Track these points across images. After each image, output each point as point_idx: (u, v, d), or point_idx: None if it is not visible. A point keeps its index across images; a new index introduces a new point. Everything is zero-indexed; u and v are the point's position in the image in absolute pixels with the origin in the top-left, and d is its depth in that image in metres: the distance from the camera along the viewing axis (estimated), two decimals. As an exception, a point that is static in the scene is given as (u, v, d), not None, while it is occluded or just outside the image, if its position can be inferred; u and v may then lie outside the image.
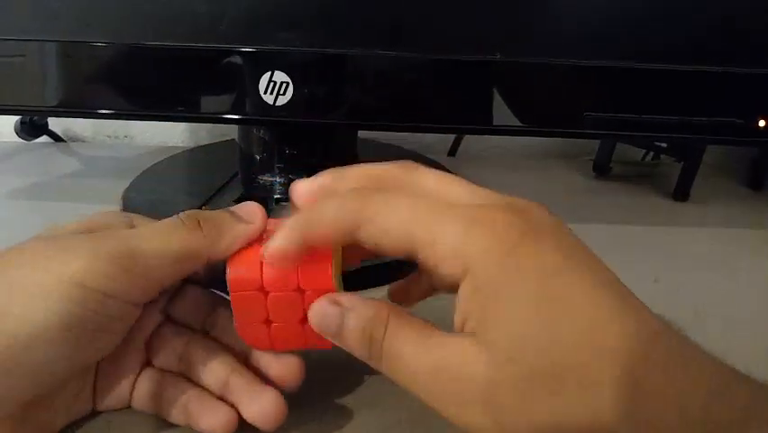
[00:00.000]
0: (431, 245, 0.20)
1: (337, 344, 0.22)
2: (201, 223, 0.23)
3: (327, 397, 0.27)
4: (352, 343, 0.21)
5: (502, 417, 0.19)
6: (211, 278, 0.26)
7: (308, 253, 0.22)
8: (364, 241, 0.21)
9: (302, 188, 0.24)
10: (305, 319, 0.23)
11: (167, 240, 0.22)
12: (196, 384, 0.25)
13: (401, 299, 0.27)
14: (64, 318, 0.20)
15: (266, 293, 0.23)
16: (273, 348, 0.24)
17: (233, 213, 0.24)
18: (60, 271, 0.20)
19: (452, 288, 0.21)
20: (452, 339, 0.20)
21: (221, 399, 0.24)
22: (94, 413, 0.25)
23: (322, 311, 0.22)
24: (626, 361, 0.18)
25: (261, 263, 0.23)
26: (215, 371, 0.24)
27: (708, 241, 0.46)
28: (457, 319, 0.21)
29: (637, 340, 0.18)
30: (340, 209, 0.21)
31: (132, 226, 0.24)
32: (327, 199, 0.22)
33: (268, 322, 0.23)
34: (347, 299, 0.22)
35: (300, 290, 0.23)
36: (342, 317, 0.21)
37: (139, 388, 0.25)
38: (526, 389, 0.18)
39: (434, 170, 0.24)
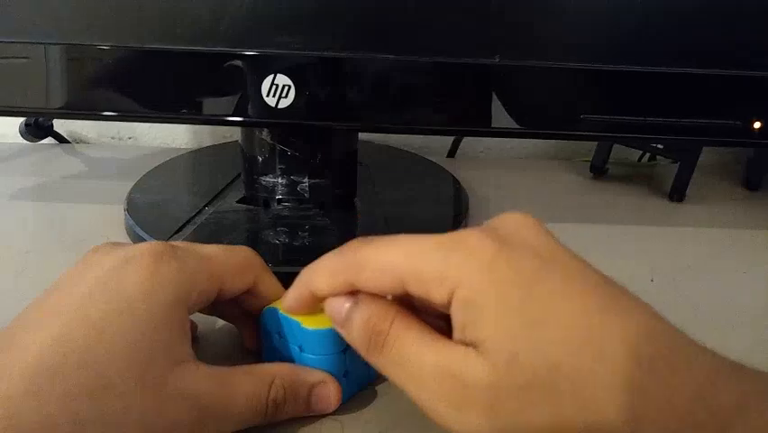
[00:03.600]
0: (417, 279, 0.21)
1: (342, 333, 0.23)
2: (276, 414, 0.24)
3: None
4: (356, 332, 0.22)
5: (502, 422, 0.19)
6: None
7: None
8: (362, 286, 0.23)
9: (291, 301, 0.25)
10: None
11: (244, 421, 0.23)
12: None
13: None
14: None
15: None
16: None
17: (310, 406, 0.25)
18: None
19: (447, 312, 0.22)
20: (455, 345, 0.21)
21: None
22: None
23: (335, 301, 0.23)
24: (621, 363, 0.18)
25: None
26: None
27: (705, 241, 0.46)
28: (455, 331, 0.21)
29: (628, 343, 0.19)
30: (334, 265, 0.24)
31: (187, 329, 0.24)
32: (324, 258, 0.24)
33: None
34: (361, 295, 0.23)
35: None
36: (351, 307, 0.23)
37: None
38: (525, 395, 0.19)
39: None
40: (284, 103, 0.36)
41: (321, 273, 0.24)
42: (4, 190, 0.48)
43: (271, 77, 0.35)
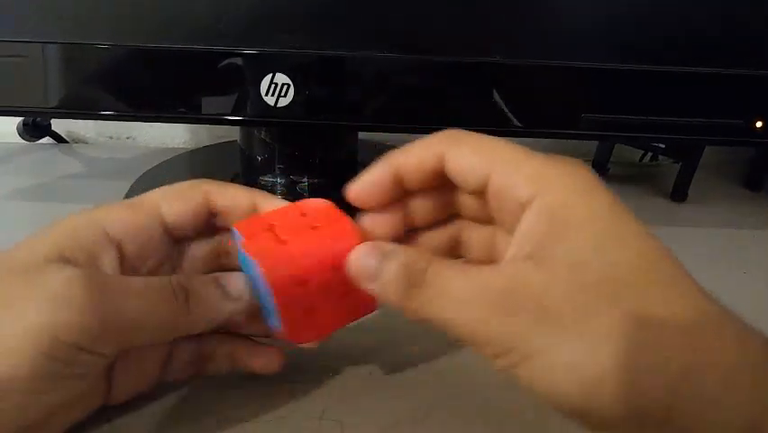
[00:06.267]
0: (510, 166, 0.21)
1: (372, 288, 0.22)
2: (189, 298, 0.23)
3: (326, 397, 0.27)
4: (391, 279, 0.21)
5: (555, 325, 0.19)
6: None
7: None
8: (447, 164, 0.22)
9: (359, 187, 0.24)
10: (345, 293, 0.23)
11: (152, 309, 0.22)
12: (239, 335, 0.26)
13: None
14: (35, 371, 0.19)
15: (306, 283, 0.23)
16: (321, 336, 0.24)
17: (223, 288, 0.24)
18: (35, 323, 0.19)
19: (514, 215, 0.21)
20: (503, 263, 0.21)
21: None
22: (94, 414, 0.24)
23: (362, 253, 0.22)
24: (696, 292, 0.19)
25: (292, 255, 0.22)
26: (256, 320, 0.25)
27: (706, 241, 0.46)
28: (513, 246, 0.21)
29: (704, 293, 0.19)
30: (431, 138, 0.23)
31: (106, 241, 0.23)
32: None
33: (312, 310, 0.23)
34: (388, 244, 0.22)
35: (335, 268, 0.23)
36: (383, 257, 0.22)
37: (176, 361, 0.26)
38: (582, 297, 0.19)
39: None
40: (283, 102, 0.35)
41: (413, 146, 0.23)
42: (1, 190, 0.48)
43: (270, 75, 0.35)
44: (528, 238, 0.20)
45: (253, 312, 0.25)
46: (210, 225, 0.26)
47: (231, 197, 0.26)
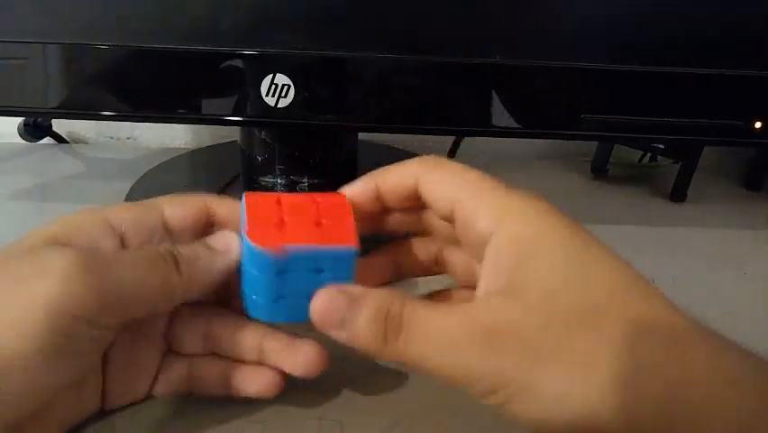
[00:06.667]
0: (473, 198, 0.22)
1: (342, 336, 0.22)
2: (179, 261, 0.23)
3: (326, 397, 0.27)
4: (364, 324, 0.21)
5: (538, 360, 0.19)
6: None
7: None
8: (421, 188, 0.24)
9: (353, 187, 0.26)
10: (319, 223, 0.24)
11: (145, 275, 0.22)
12: (229, 357, 0.26)
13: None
14: (39, 346, 0.19)
15: (280, 203, 0.24)
16: (284, 243, 0.23)
17: (209, 247, 0.24)
18: (35, 296, 0.19)
19: (479, 246, 0.22)
20: (478, 299, 0.21)
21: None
22: (95, 414, 0.25)
23: (328, 298, 0.22)
24: (667, 306, 0.20)
25: (278, 195, 0.25)
26: (247, 339, 0.25)
27: (706, 242, 0.46)
28: (483, 280, 0.21)
29: (670, 305, 0.20)
30: (409, 164, 0.25)
31: (109, 230, 0.24)
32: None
33: (282, 224, 0.24)
34: (356, 288, 0.22)
35: (315, 201, 0.25)
36: (353, 302, 0.21)
37: (164, 376, 0.25)
38: (561, 328, 0.19)
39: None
40: (283, 102, 0.35)
41: (393, 167, 0.25)
42: (2, 190, 0.48)
43: (271, 76, 0.35)
44: (496, 271, 0.21)
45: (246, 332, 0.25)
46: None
47: (230, 207, 0.26)
